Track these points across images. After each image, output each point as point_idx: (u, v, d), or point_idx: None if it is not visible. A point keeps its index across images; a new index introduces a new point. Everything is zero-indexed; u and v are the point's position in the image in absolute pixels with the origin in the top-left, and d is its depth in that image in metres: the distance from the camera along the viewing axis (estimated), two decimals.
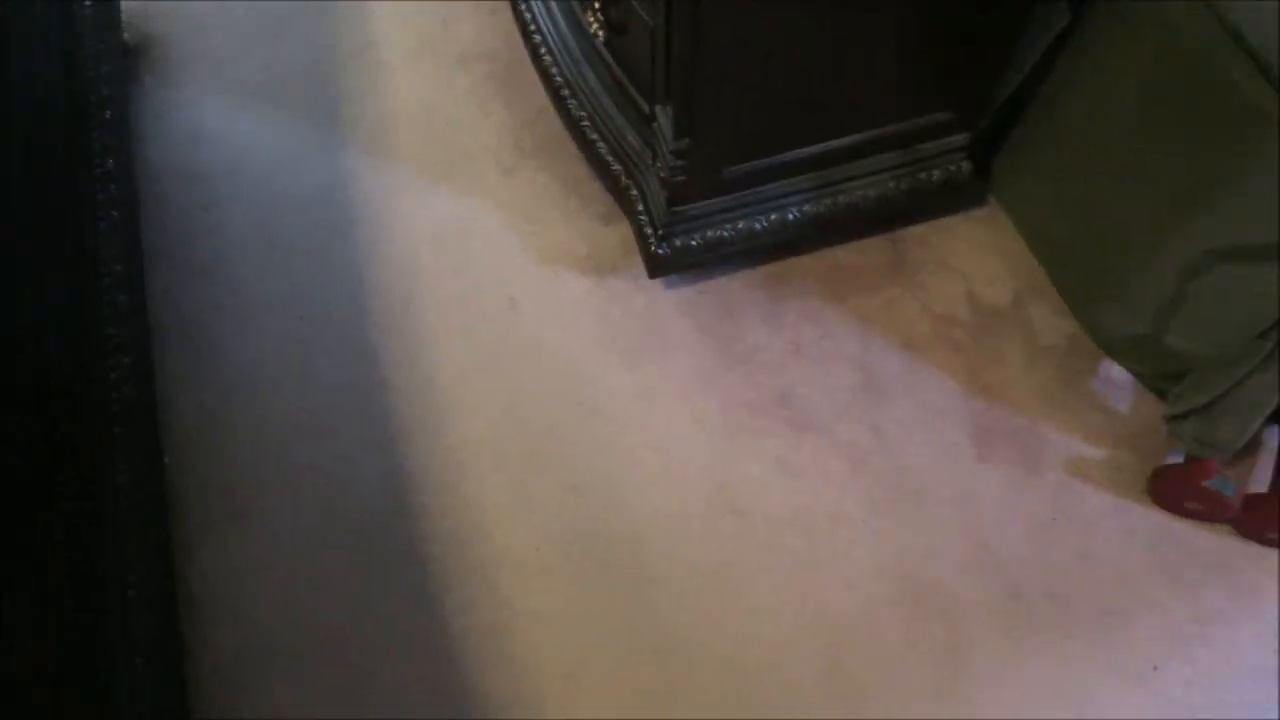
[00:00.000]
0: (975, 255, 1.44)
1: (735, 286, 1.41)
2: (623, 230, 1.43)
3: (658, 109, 1.17)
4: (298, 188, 1.48)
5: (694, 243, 1.30)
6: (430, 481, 1.28)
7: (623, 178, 1.33)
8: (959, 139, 1.32)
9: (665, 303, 1.40)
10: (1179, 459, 1.26)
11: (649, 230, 1.30)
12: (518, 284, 1.41)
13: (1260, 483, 1.27)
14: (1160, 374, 1.29)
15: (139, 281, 1.34)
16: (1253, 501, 1.22)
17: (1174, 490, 1.24)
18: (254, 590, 1.22)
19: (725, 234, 1.31)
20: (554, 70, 1.40)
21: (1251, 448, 1.31)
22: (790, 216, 1.32)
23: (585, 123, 1.37)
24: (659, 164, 1.22)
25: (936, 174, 1.35)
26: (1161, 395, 1.30)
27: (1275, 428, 1.29)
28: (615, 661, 1.18)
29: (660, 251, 1.30)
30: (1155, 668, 1.19)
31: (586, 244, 1.44)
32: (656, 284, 1.41)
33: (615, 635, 1.19)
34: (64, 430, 1.07)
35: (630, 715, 1.15)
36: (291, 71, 1.58)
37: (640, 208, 1.32)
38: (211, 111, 1.55)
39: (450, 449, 1.30)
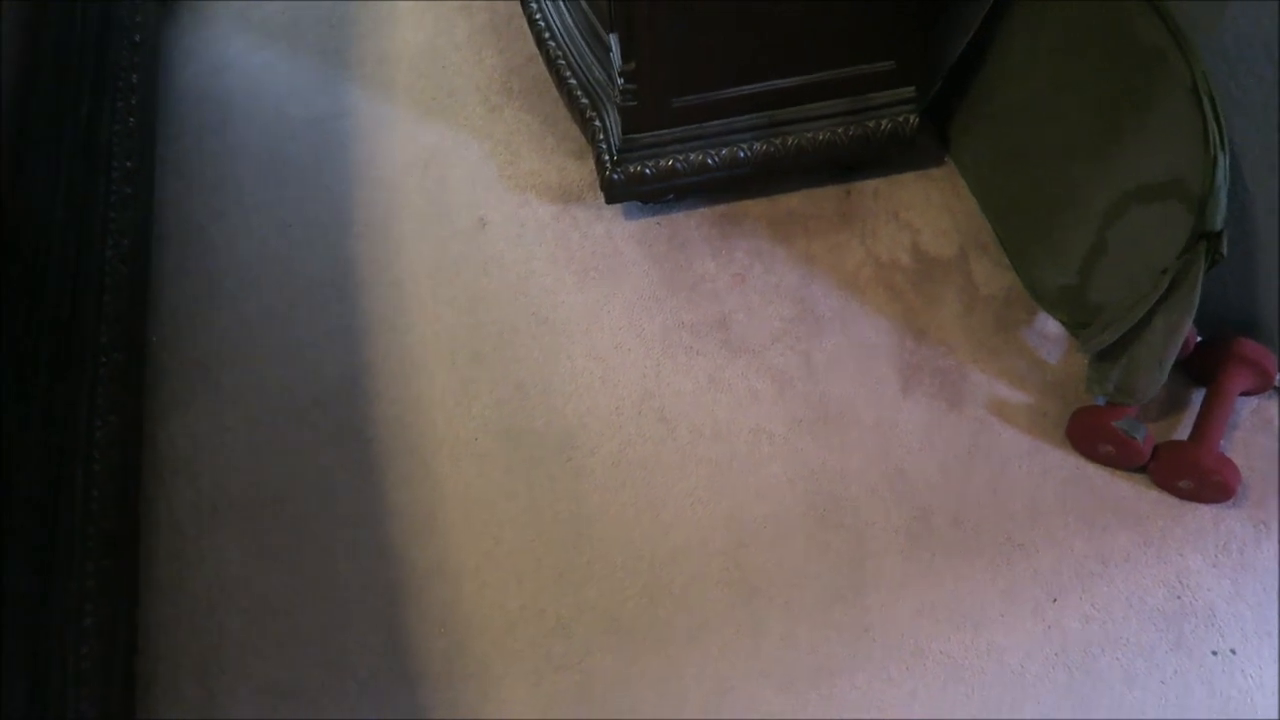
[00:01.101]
0: (926, 211, 1.50)
1: (690, 222, 1.49)
2: (592, 165, 1.53)
3: (611, 37, 1.27)
4: (303, 115, 1.63)
5: (648, 171, 1.40)
6: (386, 371, 1.38)
7: (589, 110, 1.44)
8: (905, 91, 1.39)
9: (622, 231, 1.49)
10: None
11: (606, 157, 1.40)
12: (489, 206, 1.52)
13: (1180, 436, 1.29)
14: (1085, 326, 1.32)
15: (147, 179, 1.49)
16: (1164, 449, 1.25)
17: (1088, 430, 1.27)
18: (215, 454, 1.33)
19: (677, 165, 1.40)
20: (538, 15, 1.52)
21: (1178, 405, 1.34)
22: (741, 154, 1.40)
23: (560, 60, 1.48)
24: (615, 91, 1.32)
25: (885, 124, 1.41)
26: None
27: (1203, 391, 1.32)
28: (534, 543, 1.26)
29: (615, 177, 1.39)
30: (1054, 600, 1.21)
31: (558, 175, 1.54)
32: (616, 214, 1.50)
33: (537, 520, 1.27)
34: (57, 293, 1.20)
35: (543, 592, 1.22)
36: (310, 14, 1.74)
37: (601, 136, 1.41)
38: (235, 45, 1.72)
39: (408, 345, 1.40)
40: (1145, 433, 1.23)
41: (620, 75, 1.27)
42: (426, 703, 1.16)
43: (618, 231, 1.49)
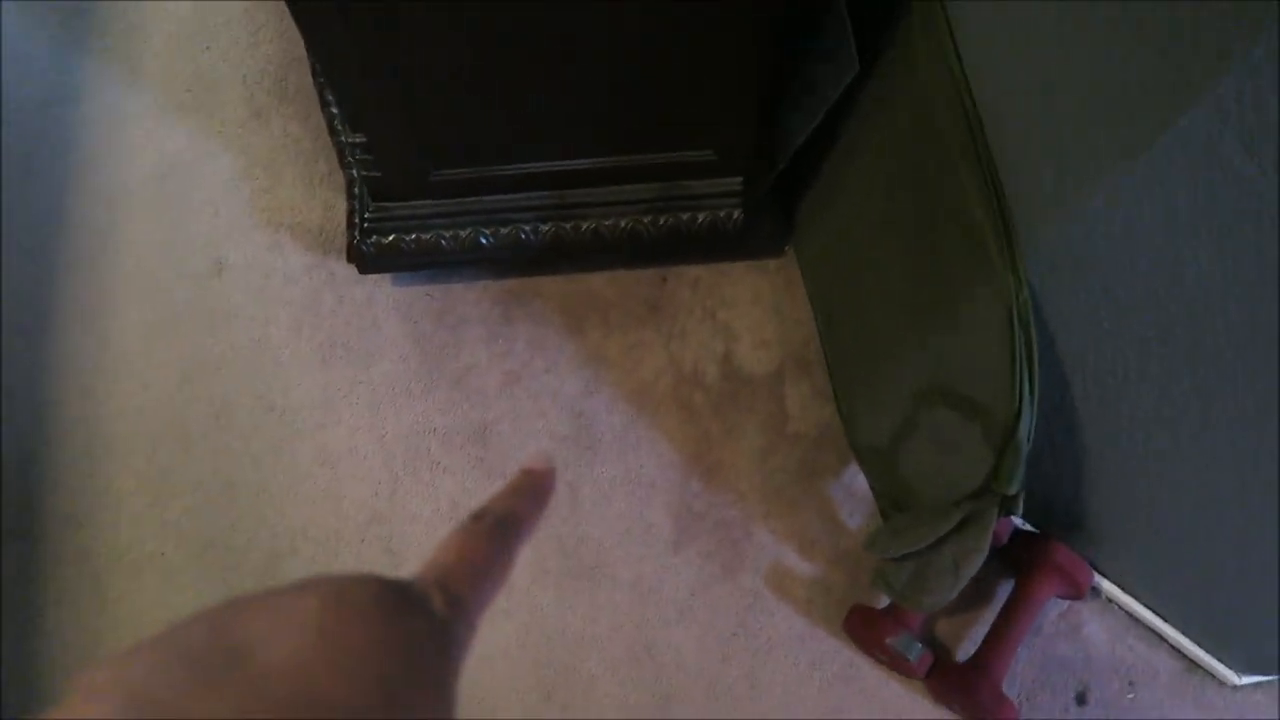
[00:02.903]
0: (751, 312, 1.27)
1: (470, 296, 1.25)
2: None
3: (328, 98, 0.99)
4: (17, 93, 1.32)
5: (405, 245, 1.14)
6: (70, 454, 1.16)
7: (346, 151, 1.16)
8: (730, 183, 1.13)
9: (386, 299, 1.24)
10: (886, 602, 1.12)
11: (357, 219, 1.14)
12: (231, 245, 1.25)
13: (969, 646, 1.13)
14: (890, 498, 1.13)
15: None
16: (942, 669, 1.08)
17: (863, 632, 1.10)
18: None
19: (443, 241, 1.14)
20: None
21: (983, 597, 1.17)
22: (523, 235, 1.15)
23: (322, 78, 1.19)
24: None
25: (703, 217, 1.16)
26: (887, 520, 1.15)
27: (1012, 581, 1.14)
28: None
29: (363, 247, 1.14)
30: None
31: (322, 214, 1.28)
32: (384, 277, 1.25)
33: None
34: None
35: None
36: None
37: (356, 189, 1.15)
38: None
39: (104, 419, 1.17)
40: (920, 653, 1.06)
41: (352, 145, 1.00)
42: None
43: (381, 298, 1.24)
